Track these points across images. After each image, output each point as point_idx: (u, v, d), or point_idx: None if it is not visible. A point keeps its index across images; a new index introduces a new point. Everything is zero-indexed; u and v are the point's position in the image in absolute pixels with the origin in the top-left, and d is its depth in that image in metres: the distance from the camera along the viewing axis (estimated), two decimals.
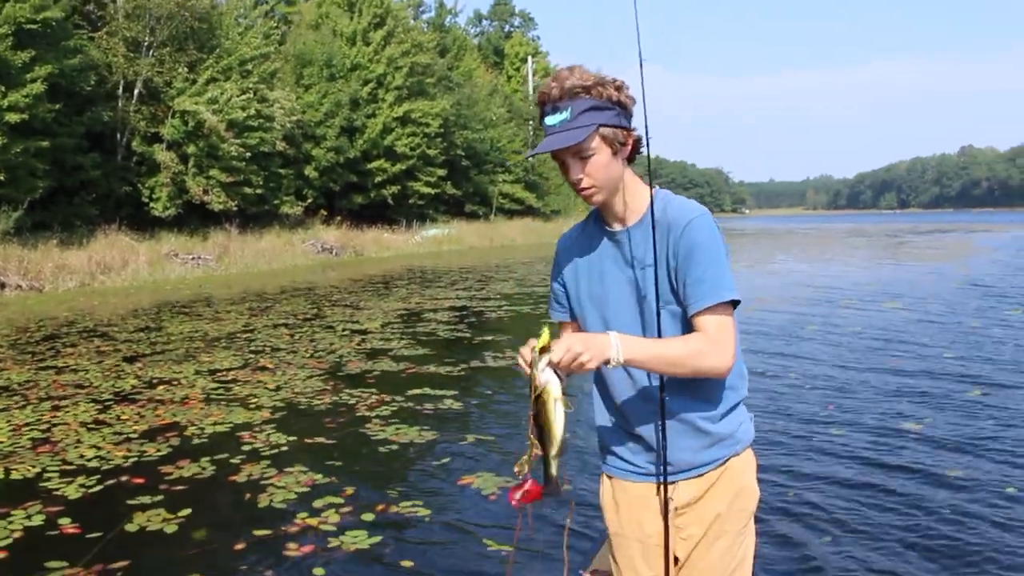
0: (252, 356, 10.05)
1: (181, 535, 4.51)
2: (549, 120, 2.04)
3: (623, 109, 2.06)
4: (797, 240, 46.90)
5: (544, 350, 1.93)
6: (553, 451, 1.99)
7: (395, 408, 7.26)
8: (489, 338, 11.32)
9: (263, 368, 9.25)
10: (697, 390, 2.11)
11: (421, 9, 52.03)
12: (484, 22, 69.70)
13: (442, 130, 40.01)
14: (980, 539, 4.25)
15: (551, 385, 1.94)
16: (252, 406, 7.43)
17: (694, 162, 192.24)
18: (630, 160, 2.14)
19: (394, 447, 6.10)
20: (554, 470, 2.02)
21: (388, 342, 10.93)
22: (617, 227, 2.15)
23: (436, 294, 17.36)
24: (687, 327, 2.06)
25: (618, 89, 2.05)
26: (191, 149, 26.52)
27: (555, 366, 1.92)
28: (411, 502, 4.92)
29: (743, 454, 2.21)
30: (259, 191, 29.08)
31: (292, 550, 4.26)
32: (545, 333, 1.94)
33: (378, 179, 37.59)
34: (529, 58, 62.49)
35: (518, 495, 2.03)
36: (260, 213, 30.03)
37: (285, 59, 33.95)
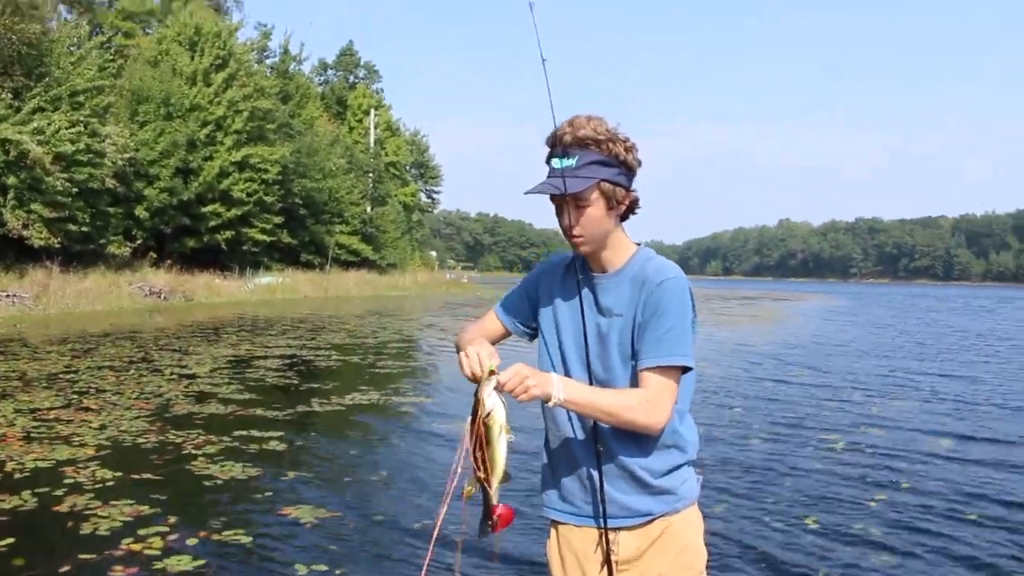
0: (75, 396, 10.00)
1: (2, 562, 4.73)
2: (555, 163, 2.10)
3: (628, 169, 2.13)
4: None
5: (491, 373, 1.95)
6: (495, 480, 1.98)
7: (221, 447, 7.57)
8: (316, 385, 11.67)
9: (87, 408, 9.27)
10: (640, 441, 2.14)
11: (265, 54, 51.82)
12: (329, 71, 69.94)
13: (280, 177, 39.84)
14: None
15: (497, 411, 1.94)
16: (76, 443, 7.53)
17: (531, 222, 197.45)
18: (623, 219, 2.20)
19: (219, 482, 6.45)
20: (494, 500, 2.02)
21: (217, 386, 11.11)
22: (596, 273, 2.21)
23: (267, 342, 17.47)
24: (636, 380, 2.12)
25: (627, 150, 2.11)
26: (11, 180, 25.31)
27: (500, 388, 1.95)
28: (233, 530, 5.32)
29: (685, 512, 2.21)
30: (85, 229, 27.99)
31: (118, 571, 4.58)
32: (493, 362, 1.97)
33: (212, 223, 36.90)
34: (372, 110, 63.15)
35: (491, 522, 2.04)
36: (85, 252, 28.89)
37: (120, 94, 33.09)
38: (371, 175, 55.20)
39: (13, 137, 24.93)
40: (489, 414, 1.93)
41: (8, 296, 22.86)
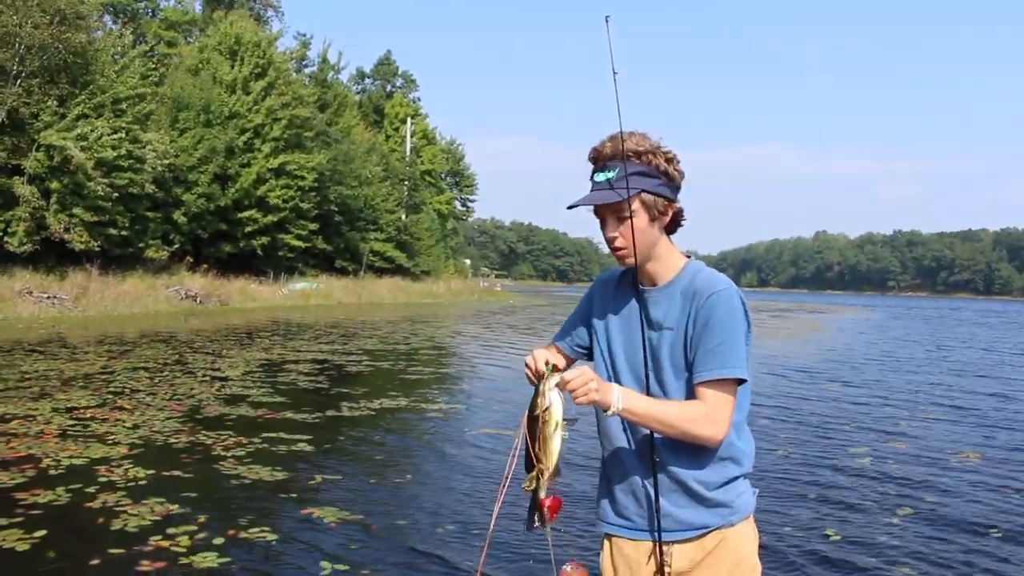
0: (111, 396, 10.21)
1: (36, 553, 4.86)
2: (597, 176, 2.13)
3: (670, 180, 2.14)
4: None
5: (555, 369, 2.01)
6: (546, 475, 2.01)
7: (251, 449, 7.69)
8: (346, 390, 11.81)
9: (121, 408, 9.46)
10: (696, 453, 2.14)
11: (304, 63, 52.57)
12: (367, 80, 70.67)
13: (316, 184, 40.27)
14: None
15: (555, 407, 1.98)
16: (110, 442, 7.70)
17: (566, 231, 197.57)
18: (670, 231, 2.22)
19: (247, 482, 6.57)
20: (542, 493, 2.05)
21: (247, 389, 11.27)
22: (647, 287, 2.22)
23: (299, 346, 17.66)
24: (691, 393, 2.12)
25: (668, 161, 2.13)
26: (55, 185, 25.94)
27: (563, 386, 1.99)
28: (259, 528, 5.42)
29: (740, 525, 2.20)
30: (124, 233, 28.57)
31: (145, 566, 4.69)
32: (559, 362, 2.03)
33: (248, 229, 37.40)
34: (409, 119, 63.62)
35: (539, 514, 2.08)
36: (124, 255, 29.45)
37: (161, 101, 33.71)
38: (406, 183, 55.59)
39: (57, 143, 25.54)
40: (548, 409, 1.97)
41: (49, 298, 23.35)
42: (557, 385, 1.97)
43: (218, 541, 5.14)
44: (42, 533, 5.14)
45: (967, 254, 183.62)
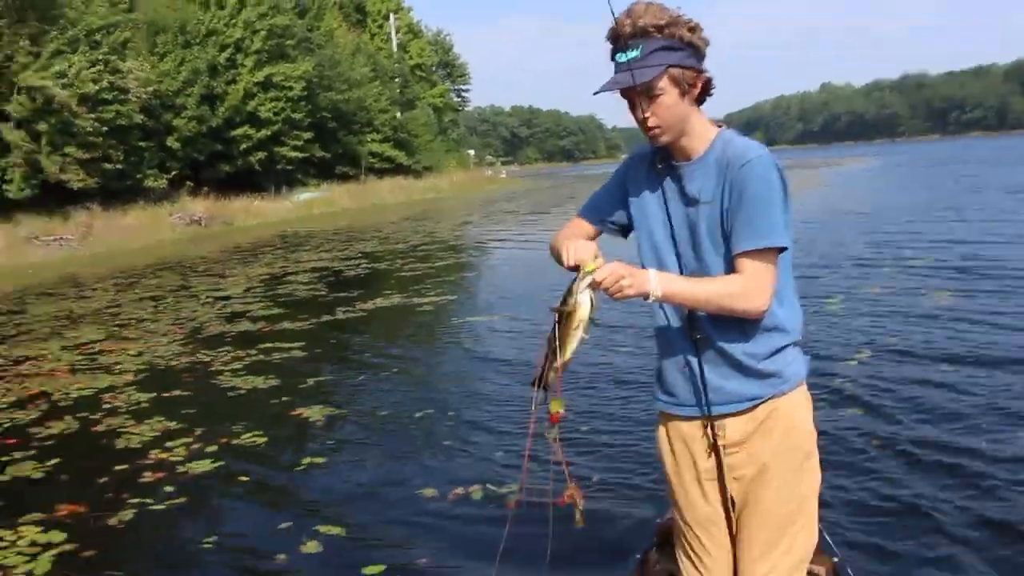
0: (117, 329, 10.65)
1: (49, 478, 5.33)
2: (619, 57, 2.05)
3: (695, 50, 2.06)
4: None
5: (591, 270, 2.01)
6: (557, 364, 2.08)
7: (247, 362, 8.13)
8: (343, 295, 12.21)
9: (127, 339, 9.91)
10: (740, 326, 2.13)
11: None
12: None
13: (306, 93, 39.88)
14: None
15: (582, 307, 2.00)
16: (116, 372, 8.15)
17: (568, 110, 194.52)
18: (699, 102, 2.14)
19: (241, 393, 7.03)
20: (550, 379, 2.12)
21: (248, 305, 11.69)
22: (680, 162, 2.17)
23: (300, 257, 18.05)
24: (731, 266, 2.09)
25: (691, 30, 2.04)
26: (42, 126, 25.91)
27: (596, 287, 2.00)
28: (251, 433, 5.86)
29: (792, 394, 2.19)
30: (120, 166, 28.63)
31: (147, 478, 5.15)
32: (595, 260, 2.02)
33: (243, 146, 37.33)
34: (392, 15, 62.25)
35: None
36: (123, 189, 29.61)
37: (136, 27, 33.21)
38: (397, 80, 54.88)
39: (37, 83, 25.37)
40: (576, 309, 2.00)
41: (55, 240, 23.71)
42: (589, 286, 1.99)
43: (212, 448, 5.59)
44: (55, 461, 5.60)
45: (978, 91, 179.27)
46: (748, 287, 2.03)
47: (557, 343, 2.04)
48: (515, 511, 3.52)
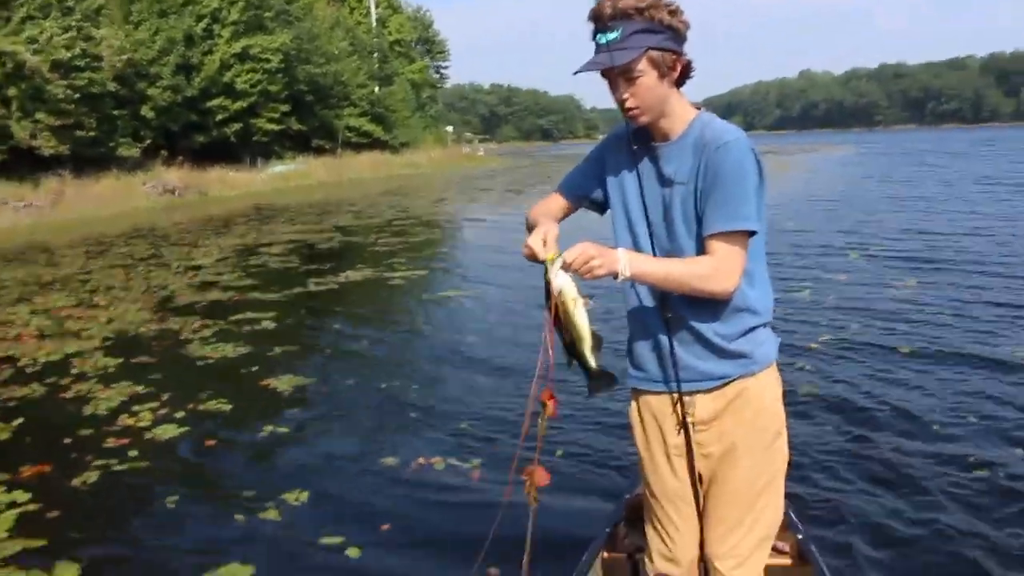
0: (87, 295, 10.60)
1: (14, 439, 5.35)
2: (600, 38, 2.04)
3: (675, 33, 2.06)
4: None
5: (554, 257, 2.03)
6: (586, 347, 2.08)
7: (216, 330, 8.14)
8: (314, 267, 12.22)
9: (96, 305, 9.87)
10: (710, 306, 2.15)
11: None
12: None
13: (283, 65, 39.48)
14: None
15: (567, 288, 2.02)
16: (84, 337, 8.13)
17: (546, 90, 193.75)
18: (679, 85, 2.14)
19: (210, 361, 7.05)
20: (593, 363, 2.10)
21: (220, 275, 11.67)
22: (658, 143, 2.18)
23: (274, 229, 17.98)
24: (703, 247, 2.11)
25: (672, 13, 2.05)
26: (12, 92, 25.50)
27: (567, 267, 2.01)
28: (218, 401, 5.90)
29: (761, 374, 2.22)
30: (92, 133, 28.28)
31: (111, 443, 5.17)
32: (547, 250, 2.05)
33: (219, 117, 36.93)
34: None
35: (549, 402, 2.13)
36: (95, 156, 29.24)
37: None
38: (376, 55, 54.44)
39: (8, 48, 24.96)
40: (560, 292, 2.02)
41: (26, 206, 23.43)
42: (562, 268, 2.01)
43: (179, 414, 5.63)
44: (19, 422, 5.61)
45: (954, 83, 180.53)
46: (717, 269, 2.05)
47: (573, 331, 2.05)
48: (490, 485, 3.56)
